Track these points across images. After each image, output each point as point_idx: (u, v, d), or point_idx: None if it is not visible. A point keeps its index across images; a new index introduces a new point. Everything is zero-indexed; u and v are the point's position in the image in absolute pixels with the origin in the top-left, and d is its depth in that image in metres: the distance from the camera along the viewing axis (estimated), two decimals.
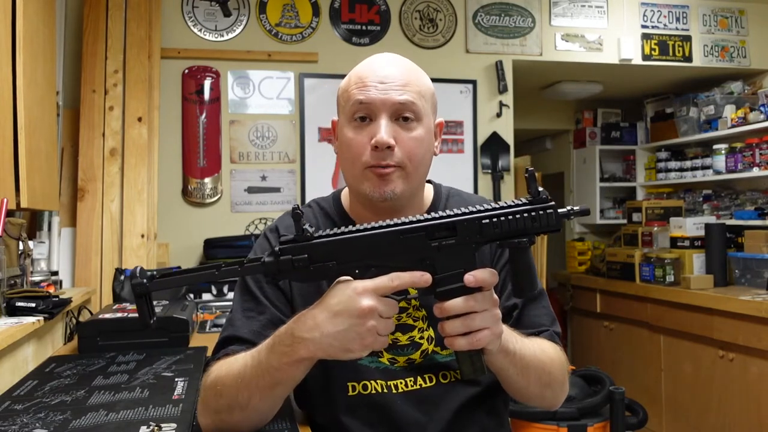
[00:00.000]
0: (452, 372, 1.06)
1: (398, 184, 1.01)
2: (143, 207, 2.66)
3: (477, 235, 0.83)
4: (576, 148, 4.76)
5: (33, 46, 1.72)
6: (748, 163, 3.58)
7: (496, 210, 0.83)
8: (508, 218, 0.82)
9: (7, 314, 1.59)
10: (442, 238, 0.82)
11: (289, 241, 0.83)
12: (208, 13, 3.05)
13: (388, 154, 0.99)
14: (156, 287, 0.83)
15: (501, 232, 0.82)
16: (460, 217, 0.83)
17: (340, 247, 0.82)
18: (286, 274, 0.83)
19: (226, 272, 0.82)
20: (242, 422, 0.95)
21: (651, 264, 3.60)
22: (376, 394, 1.03)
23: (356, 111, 1.01)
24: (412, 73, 1.04)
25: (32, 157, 1.65)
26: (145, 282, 0.81)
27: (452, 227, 0.82)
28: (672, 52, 3.71)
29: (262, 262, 0.82)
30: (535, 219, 0.82)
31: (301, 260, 0.82)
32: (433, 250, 0.82)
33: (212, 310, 2.33)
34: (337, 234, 0.83)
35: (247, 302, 1.06)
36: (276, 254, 0.82)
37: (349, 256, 0.83)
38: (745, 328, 2.89)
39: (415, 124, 1.02)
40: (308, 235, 0.82)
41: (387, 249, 0.83)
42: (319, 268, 0.82)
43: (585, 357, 4.26)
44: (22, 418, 1.07)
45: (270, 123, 3.10)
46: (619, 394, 2.48)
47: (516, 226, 0.82)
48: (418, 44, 3.30)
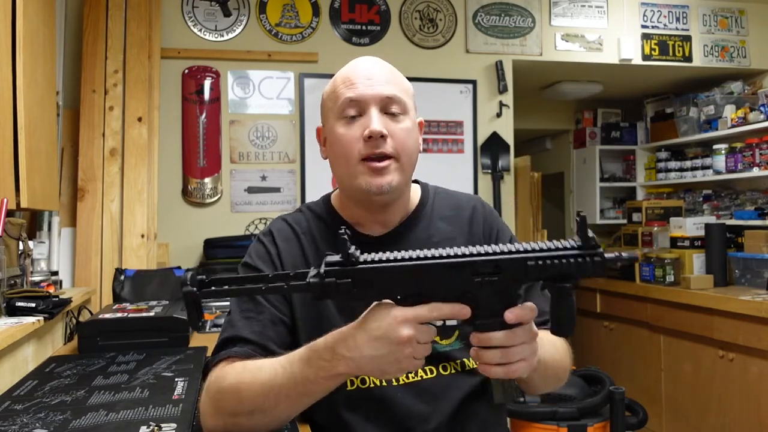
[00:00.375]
0: (452, 363, 1.06)
1: (394, 176, 1.03)
2: (143, 207, 2.66)
3: (521, 275, 0.82)
4: (576, 148, 4.76)
5: (33, 46, 1.72)
6: (748, 163, 3.58)
7: (543, 251, 0.81)
8: (554, 261, 0.81)
9: (7, 314, 1.59)
10: (487, 274, 0.82)
11: (335, 263, 0.83)
12: (208, 13, 3.05)
13: (381, 143, 1.01)
14: (205, 296, 0.84)
15: (546, 274, 0.82)
16: (506, 255, 0.82)
17: (384, 273, 0.83)
18: (329, 295, 0.84)
19: (271, 289, 0.84)
20: (259, 425, 0.95)
21: (651, 264, 3.60)
22: (375, 387, 1.03)
23: (346, 108, 1.04)
24: (394, 72, 1.09)
25: (32, 157, 1.65)
26: (195, 290, 0.83)
27: (498, 265, 0.82)
28: (672, 52, 3.71)
29: (307, 283, 0.83)
30: (582, 265, 0.80)
31: (344, 284, 0.82)
32: (476, 285, 0.82)
33: (212, 310, 2.33)
34: (382, 261, 0.83)
35: (244, 303, 1.06)
36: (321, 276, 0.82)
37: (392, 283, 0.83)
38: (745, 328, 2.89)
39: (403, 117, 1.05)
40: (353, 260, 0.82)
41: (430, 279, 0.83)
42: (361, 291, 0.83)
43: (585, 357, 4.26)
44: (22, 418, 1.07)
45: (270, 123, 3.10)
46: (619, 394, 2.48)
47: (561, 270, 0.81)
48: (418, 44, 3.31)
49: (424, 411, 1.03)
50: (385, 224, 1.11)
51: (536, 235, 3.48)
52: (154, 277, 2.37)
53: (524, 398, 2.50)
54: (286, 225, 1.13)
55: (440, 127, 3.30)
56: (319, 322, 1.04)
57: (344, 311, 1.06)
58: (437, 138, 3.29)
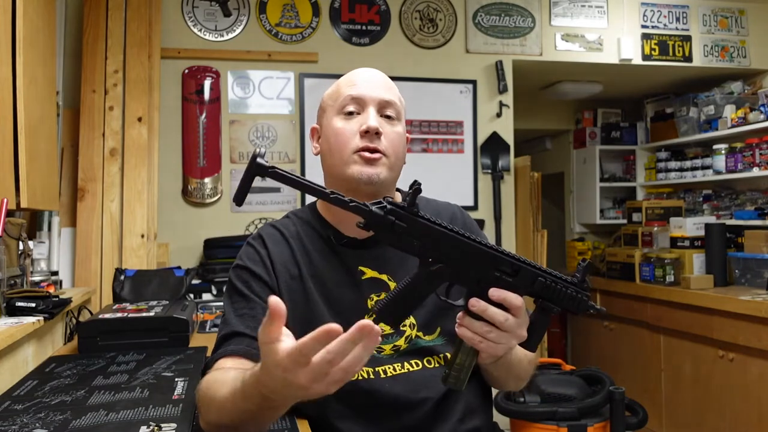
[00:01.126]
0: (436, 357, 1.11)
1: (383, 170, 1.10)
2: (143, 207, 2.66)
3: (528, 285, 0.92)
4: (576, 148, 4.76)
5: (33, 46, 1.72)
6: (748, 163, 3.58)
7: (553, 275, 0.93)
8: (558, 287, 0.93)
9: (7, 314, 1.59)
10: (506, 273, 0.92)
11: (398, 206, 0.88)
12: (208, 13, 3.05)
13: (375, 139, 1.10)
14: (271, 176, 0.85)
15: (545, 293, 0.93)
16: (525, 265, 0.92)
17: (432, 235, 0.89)
18: (381, 228, 0.88)
19: (335, 200, 0.85)
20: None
21: (651, 264, 3.60)
22: (363, 380, 1.06)
23: (346, 105, 1.13)
24: (391, 83, 1.18)
25: (32, 157, 1.65)
26: (266, 164, 0.84)
27: (517, 270, 0.92)
28: (672, 52, 3.71)
29: (370, 209, 0.87)
30: (573, 299, 0.94)
31: (399, 226, 0.88)
32: (492, 279, 0.91)
33: (212, 310, 2.33)
34: (435, 223, 0.90)
35: (237, 302, 1.10)
36: (385, 210, 0.87)
37: (433, 246, 0.90)
38: (745, 328, 2.89)
39: (396, 122, 1.15)
40: (415, 210, 0.89)
41: (462, 257, 0.91)
42: (406, 240, 0.89)
43: (585, 357, 4.26)
44: (22, 418, 1.07)
45: (270, 123, 3.10)
46: (619, 394, 2.48)
47: (558, 295, 0.93)
48: (418, 44, 3.31)
49: (413, 399, 1.07)
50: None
51: (536, 235, 3.48)
52: (154, 277, 2.37)
53: (524, 398, 2.50)
54: (274, 230, 1.18)
55: (440, 127, 3.30)
56: (309, 320, 1.07)
57: (333, 309, 1.10)
58: (437, 138, 3.29)
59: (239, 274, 1.12)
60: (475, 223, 1.29)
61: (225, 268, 2.72)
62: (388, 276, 1.13)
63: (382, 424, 1.06)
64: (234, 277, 1.13)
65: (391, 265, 1.13)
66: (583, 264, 0.95)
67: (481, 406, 1.15)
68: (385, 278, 1.13)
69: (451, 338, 1.09)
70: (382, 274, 1.13)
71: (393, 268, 1.13)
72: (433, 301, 1.09)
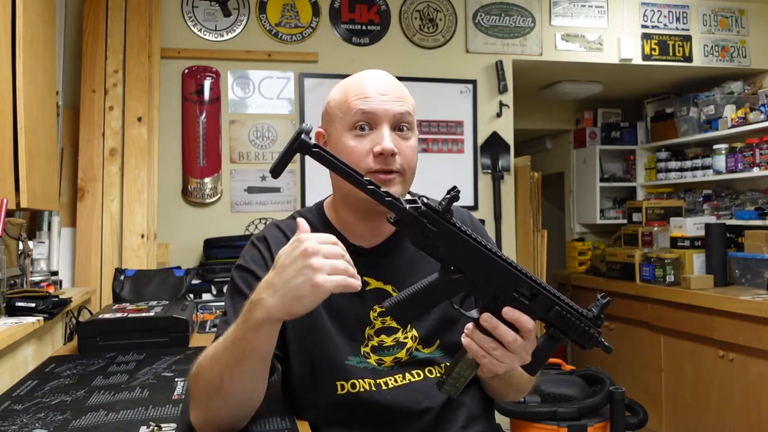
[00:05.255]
0: (437, 367, 1.11)
1: (398, 188, 1.08)
2: (143, 207, 2.66)
3: (544, 312, 0.91)
4: (576, 148, 4.75)
5: (33, 46, 1.72)
6: (748, 163, 3.58)
7: (570, 306, 0.92)
8: (572, 318, 0.92)
9: (7, 314, 1.59)
10: (524, 296, 0.90)
11: (433, 209, 0.87)
12: (208, 13, 3.05)
13: (391, 161, 1.06)
14: (314, 155, 0.86)
15: (559, 323, 0.92)
16: (545, 291, 0.91)
17: (460, 244, 0.89)
18: (411, 227, 0.87)
19: (371, 191, 0.85)
20: (223, 408, 0.95)
21: (651, 264, 3.60)
22: (365, 392, 1.06)
23: (358, 120, 1.07)
24: (403, 89, 1.12)
25: (32, 157, 1.65)
26: (310, 143, 0.85)
27: (536, 294, 0.91)
28: (672, 52, 3.71)
29: (404, 207, 0.86)
30: (585, 334, 0.92)
31: (429, 230, 0.87)
32: (509, 298, 0.90)
33: (212, 310, 2.34)
34: (464, 233, 0.89)
35: (238, 303, 1.07)
36: (417, 210, 0.86)
37: (458, 255, 0.89)
38: (745, 328, 2.89)
39: (410, 134, 1.11)
40: (448, 217, 0.88)
41: (484, 270, 0.90)
42: (432, 245, 0.88)
43: (585, 357, 4.26)
44: (22, 418, 1.07)
45: (270, 123, 3.10)
46: (619, 394, 2.48)
47: (570, 327, 0.92)
48: (418, 44, 3.30)
49: (415, 410, 1.06)
50: (377, 233, 1.15)
51: (536, 235, 3.48)
52: (154, 277, 2.37)
53: (524, 398, 2.50)
54: (279, 232, 1.16)
55: (440, 127, 3.30)
56: (310, 328, 1.07)
57: (335, 318, 1.09)
58: (437, 138, 3.29)
59: (242, 274, 1.12)
60: (483, 227, 1.27)
61: (225, 268, 2.72)
62: (393, 287, 1.12)
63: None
64: (236, 277, 1.12)
65: (396, 276, 1.12)
66: (603, 301, 0.93)
67: (483, 412, 1.15)
68: (389, 289, 1.12)
69: (450, 352, 1.09)
70: (386, 284, 1.12)
71: (398, 279, 1.12)
72: (437, 314, 1.10)
